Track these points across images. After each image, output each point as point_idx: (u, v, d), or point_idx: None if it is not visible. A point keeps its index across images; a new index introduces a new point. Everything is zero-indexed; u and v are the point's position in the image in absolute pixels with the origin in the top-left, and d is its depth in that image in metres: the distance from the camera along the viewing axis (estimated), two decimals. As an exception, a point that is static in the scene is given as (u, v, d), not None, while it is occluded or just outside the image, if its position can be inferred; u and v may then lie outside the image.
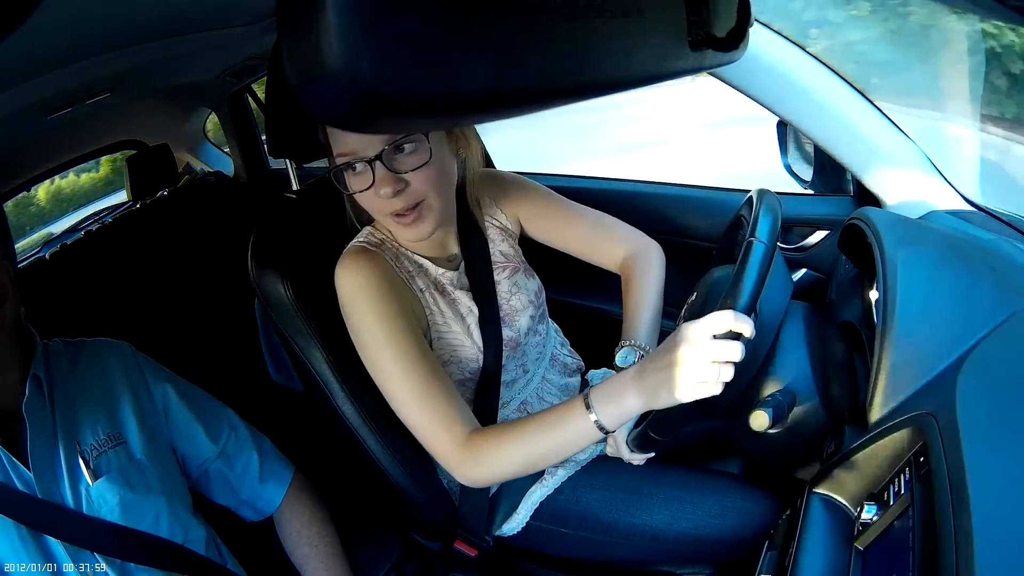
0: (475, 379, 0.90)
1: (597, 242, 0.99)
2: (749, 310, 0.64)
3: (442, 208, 0.80)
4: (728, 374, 0.62)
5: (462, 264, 0.91)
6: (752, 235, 0.67)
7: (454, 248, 0.92)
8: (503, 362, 0.91)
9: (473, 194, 0.94)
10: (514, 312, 0.93)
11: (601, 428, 0.69)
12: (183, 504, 0.84)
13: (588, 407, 0.69)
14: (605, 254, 1.00)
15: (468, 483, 0.80)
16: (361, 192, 0.76)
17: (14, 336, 0.78)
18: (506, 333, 0.91)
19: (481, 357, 0.88)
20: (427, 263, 0.88)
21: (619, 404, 0.68)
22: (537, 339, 0.98)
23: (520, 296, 0.94)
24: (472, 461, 0.75)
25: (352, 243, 0.87)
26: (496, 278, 0.92)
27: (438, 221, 0.80)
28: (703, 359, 0.61)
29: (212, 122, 2.24)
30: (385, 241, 0.86)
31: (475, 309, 0.89)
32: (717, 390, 0.62)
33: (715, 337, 0.61)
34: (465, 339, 0.87)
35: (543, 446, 0.73)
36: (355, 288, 0.79)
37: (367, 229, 0.88)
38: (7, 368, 0.77)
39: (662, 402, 0.65)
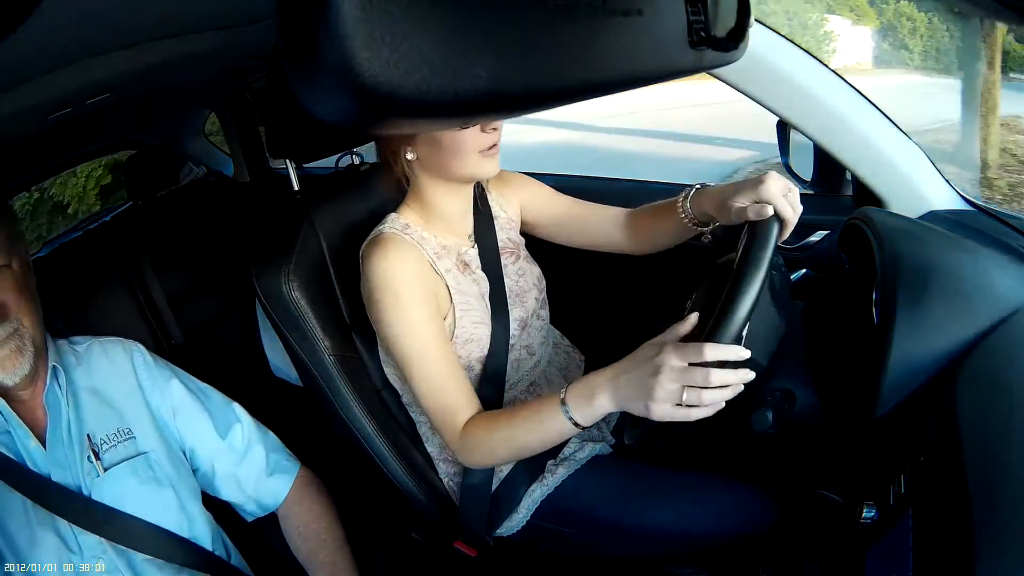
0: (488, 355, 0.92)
1: (597, 211, 1.04)
2: (735, 339, 0.64)
3: None
4: (710, 398, 0.63)
5: (477, 246, 0.95)
6: (743, 266, 0.66)
7: (470, 227, 0.95)
8: (512, 341, 0.94)
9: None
10: (523, 292, 0.97)
11: (576, 424, 0.73)
12: (191, 499, 0.85)
13: (563, 403, 0.73)
14: (607, 217, 1.03)
15: (468, 465, 0.88)
16: (467, 127, 0.81)
17: (40, 317, 0.80)
18: (517, 313, 0.94)
19: (492, 334, 0.91)
20: (450, 242, 0.91)
21: (591, 405, 0.71)
22: (540, 323, 1.01)
23: (526, 278, 0.99)
24: (467, 448, 0.82)
25: (379, 229, 0.88)
26: (504, 261, 0.96)
27: None
28: (676, 385, 0.63)
29: (212, 122, 2.24)
30: (411, 225, 0.88)
31: (488, 288, 0.92)
32: (694, 416, 0.64)
33: (692, 364, 0.63)
34: (485, 316, 0.90)
35: (525, 438, 0.78)
36: (386, 277, 0.82)
37: (391, 216, 0.90)
38: (40, 353, 0.79)
39: (630, 409, 0.68)
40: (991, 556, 0.46)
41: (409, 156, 0.86)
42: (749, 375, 0.65)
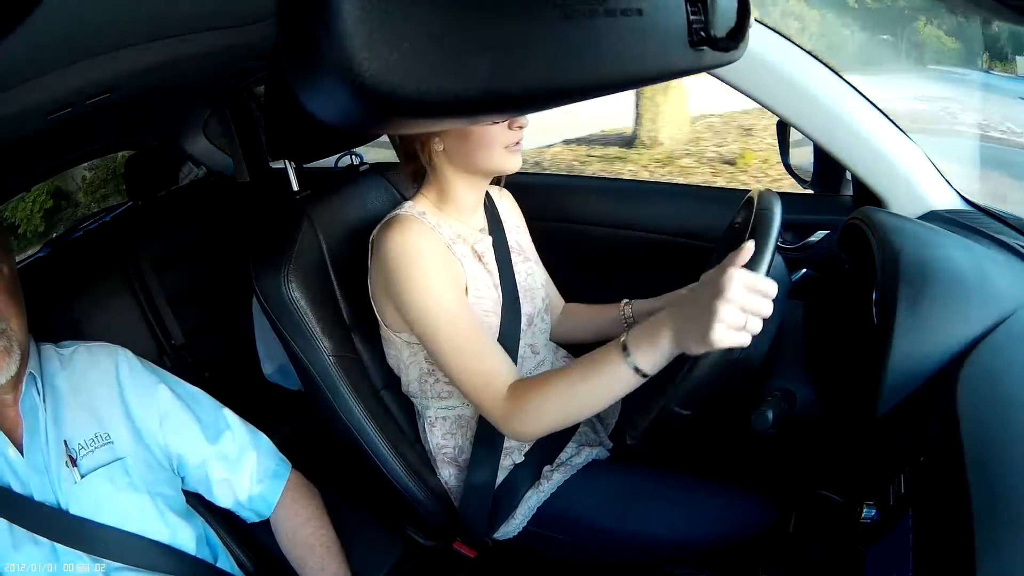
0: None
1: (549, 289, 1.10)
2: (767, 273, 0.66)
3: None
4: (758, 327, 0.64)
5: (490, 238, 0.96)
6: (760, 212, 0.68)
7: (482, 222, 0.97)
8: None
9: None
10: (531, 289, 0.98)
11: (638, 371, 0.69)
12: (170, 504, 0.84)
13: (625, 349, 0.69)
14: (555, 302, 1.13)
15: (515, 437, 0.85)
16: (497, 123, 0.83)
17: (25, 322, 0.80)
18: (526, 308, 0.95)
19: (502, 325, 0.91)
20: (465, 230, 0.92)
21: (655, 346, 0.68)
22: (544, 325, 1.02)
23: (534, 278, 1.01)
24: (516, 412, 0.77)
25: (395, 213, 0.89)
26: (513, 259, 0.97)
27: None
28: (738, 308, 0.62)
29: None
30: (427, 212, 0.90)
31: (499, 280, 0.93)
32: (746, 341, 0.64)
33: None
34: (495, 306, 0.91)
35: (583, 393, 0.74)
36: (405, 251, 0.82)
37: (407, 203, 0.91)
38: (25, 358, 0.79)
39: (695, 348, 0.66)
40: (991, 556, 0.46)
41: (437, 147, 0.87)
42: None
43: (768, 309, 0.64)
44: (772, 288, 0.64)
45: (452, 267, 0.86)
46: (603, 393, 0.73)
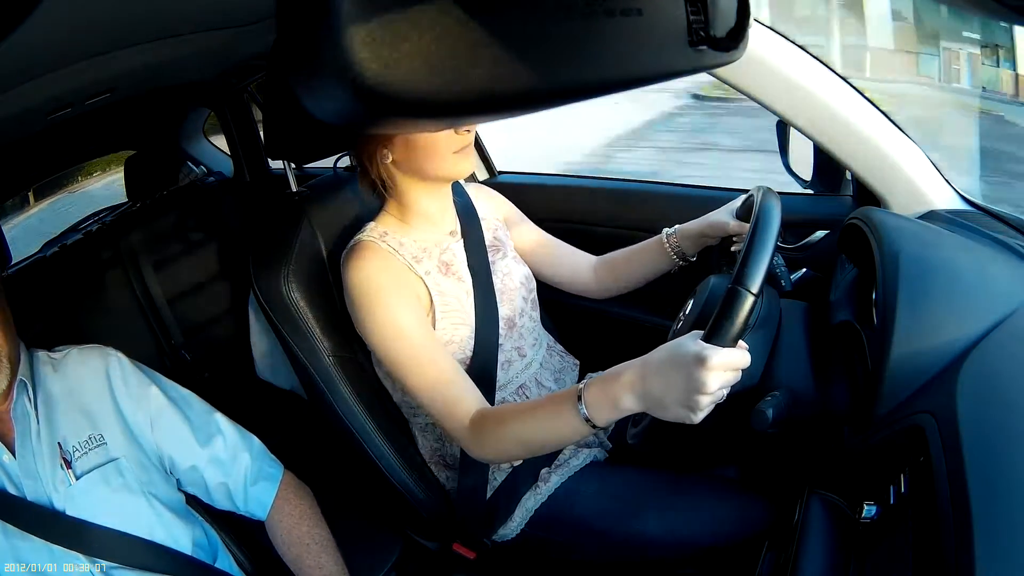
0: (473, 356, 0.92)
1: (570, 252, 1.09)
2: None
3: None
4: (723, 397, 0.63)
5: (461, 241, 0.95)
6: (739, 283, 0.63)
7: (452, 225, 0.96)
8: (500, 342, 0.93)
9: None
10: (509, 291, 0.97)
11: (593, 426, 0.69)
12: (167, 504, 0.84)
13: (580, 401, 0.68)
14: (579, 259, 1.08)
15: (480, 460, 0.86)
16: (442, 130, 0.81)
17: (13, 333, 0.80)
18: (504, 311, 0.94)
19: (476, 332, 0.90)
20: (431, 242, 0.91)
21: (615, 407, 0.67)
22: (531, 324, 1.01)
23: (512, 277, 0.99)
24: (478, 441, 0.79)
25: (357, 238, 0.89)
26: (491, 258, 0.96)
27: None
28: (719, 388, 0.61)
29: (212, 122, 2.23)
30: (389, 232, 0.89)
31: (472, 287, 0.92)
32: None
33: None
34: (468, 317, 0.90)
35: (538, 435, 0.74)
36: (363, 285, 0.83)
37: (369, 224, 0.91)
38: (14, 368, 0.79)
39: (663, 415, 0.64)
40: (991, 556, 0.46)
41: (385, 159, 0.86)
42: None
43: (739, 375, 0.63)
44: (745, 359, 0.62)
45: (413, 292, 0.86)
46: (558, 438, 0.74)
